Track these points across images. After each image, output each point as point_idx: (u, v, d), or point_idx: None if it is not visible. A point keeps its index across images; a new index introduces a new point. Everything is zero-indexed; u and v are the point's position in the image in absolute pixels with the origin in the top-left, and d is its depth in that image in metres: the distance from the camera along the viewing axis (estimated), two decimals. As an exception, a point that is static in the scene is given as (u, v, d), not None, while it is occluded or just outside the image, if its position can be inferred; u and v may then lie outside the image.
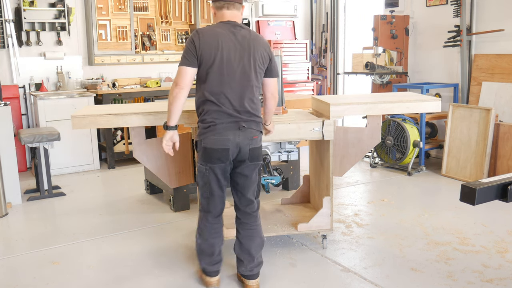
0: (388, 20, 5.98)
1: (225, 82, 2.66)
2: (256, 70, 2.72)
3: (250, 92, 2.71)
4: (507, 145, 4.87)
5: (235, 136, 2.66)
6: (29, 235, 3.95)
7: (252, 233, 2.89)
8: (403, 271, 3.11)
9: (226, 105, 2.66)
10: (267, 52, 2.76)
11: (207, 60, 2.64)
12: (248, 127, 2.69)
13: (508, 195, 1.92)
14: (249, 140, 2.70)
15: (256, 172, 2.81)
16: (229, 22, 2.74)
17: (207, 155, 2.68)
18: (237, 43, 2.68)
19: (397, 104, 3.37)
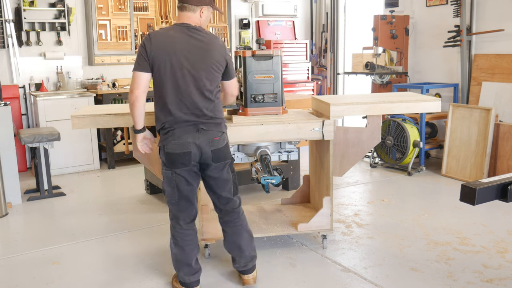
0: (388, 20, 5.98)
1: (179, 87, 2.63)
2: (211, 73, 2.68)
3: (205, 95, 2.67)
4: (507, 145, 4.87)
5: (195, 139, 2.64)
6: (29, 235, 3.95)
7: (238, 230, 2.89)
8: (403, 271, 3.11)
9: (183, 109, 2.63)
10: (222, 55, 2.72)
11: (159, 64, 2.61)
12: (207, 129, 2.67)
13: (508, 195, 1.92)
14: (210, 142, 2.67)
15: (226, 170, 2.77)
16: (183, 25, 2.68)
17: (170, 160, 2.66)
18: (191, 46, 2.64)
19: (397, 104, 3.37)
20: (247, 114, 3.20)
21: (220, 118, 2.75)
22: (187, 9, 2.68)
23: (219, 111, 2.76)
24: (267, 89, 3.20)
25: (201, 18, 2.73)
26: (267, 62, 3.18)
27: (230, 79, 2.84)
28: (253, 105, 3.20)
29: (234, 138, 3.16)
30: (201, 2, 2.68)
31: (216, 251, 3.45)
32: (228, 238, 2.92)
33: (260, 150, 3.27)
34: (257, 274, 3.03)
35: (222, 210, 2.87)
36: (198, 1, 2.68)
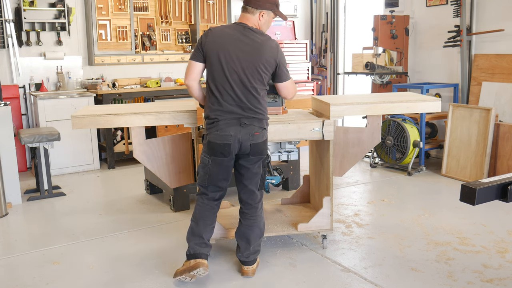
0: (388, 20, 5.98)
1: (227, 81, 2.80)
2: (257, 72, 2.81)
3: (252, 92, 2.82)
4: (507, 145, 4.87)
5: (237, 132, 2.79)
6: (29, 235, 3.95)
7: (252, 223, 3.02)
8: (403, 271, 3.11)
9: (229, 101, 2.81)
10: (273, 57, 2.85)
11: (210, 57, 2.81)
12: (249, 124, 2.81)
13: (508, 195, 1.92)
14: (250, 136, 2.81)
15: (258, 165, 2.92)
16: (241, 24, 2.87)
17: (211, 149, 2.84)
18: (242, 44, 2.81)
19: (397, 104, 3.37)
20: (247, 114, 3.19)
21: (262, 115, 2.87)
22: (247, 10, 2.89)
23: (263, 108, 2.88)
24: (267, 89, 3.19)
25: (260, 21, 2.91)
26: (267, 62, 3.17)
27: (282, 81, 2.95)
28: (253, 105, 3.19)
29: (234, 138, 3.15)
30: (261, 6, 2.87)
31: (216, 251, 3.45)
32: (240, 228, 3.06)
33: (260, 150, 3.26)
34: (257, 267, 3.11)
35: (244, 201, 3.02)
36: (258, 5, 2.86)
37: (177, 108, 3.25)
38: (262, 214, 3.09)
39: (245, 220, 3.04)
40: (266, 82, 2.90)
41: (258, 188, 2.99)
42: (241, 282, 3.03)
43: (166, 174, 3.41)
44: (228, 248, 3.51)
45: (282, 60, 2.91)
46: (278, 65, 2.88)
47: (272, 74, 2.92)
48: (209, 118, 2.84)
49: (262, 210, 3.09)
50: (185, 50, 6.89)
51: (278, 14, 2.97)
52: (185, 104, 3.53)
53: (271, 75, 2.92)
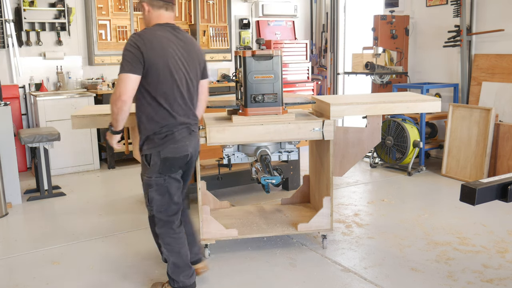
0: (388, 20, 5.98)
1: (178, 90, 2.58)
2: (197, 74, 2.73)
3: (195, 96, 2.73)
4: (507, 145, 4.87)
5: (190, 141, 2.67)
6: (29, 235, 3.95)
7: (189, 218, 3.00)
8: (403, 271, 3.11)
9: (179, 112, 2.60)
10: (202, 54, 2.78)
11: (156, 67, 2.50)
12: (195, 131, 2.74)
13: (508, 195, 1.92)
14: (198, 142, 2.77)
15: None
16: (168, 25, 2.63)
17: (168, 165, 2.59)
18: (181, 47, 2.62)
19: (397, 104, 3.37)
20: (247, 114, 3.20)
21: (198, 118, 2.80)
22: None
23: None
24: (267, 89, 3.20)
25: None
26: (267, 62, 3.18)
27: (207, 77, 2.86)
28: (253, 105, 3.20)
29: (234, 138, 3.16)
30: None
31: (217, 251, 3.45)
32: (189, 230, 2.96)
33: (260, 150, 3.26)
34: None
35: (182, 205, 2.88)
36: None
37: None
38: None
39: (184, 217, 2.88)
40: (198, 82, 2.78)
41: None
42: (241, 282, 3.03)
43: (166, 174, 3.40)
44: (228, 248, 3.51)
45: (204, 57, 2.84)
46: (205, 60, 2.82)
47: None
48: (160, 132, 2.56)
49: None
50: (185, 50, 6.88)
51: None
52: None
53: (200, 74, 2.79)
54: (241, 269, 3.20)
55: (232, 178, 4.55)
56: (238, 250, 3.48)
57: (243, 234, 3.36)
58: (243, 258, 3.36)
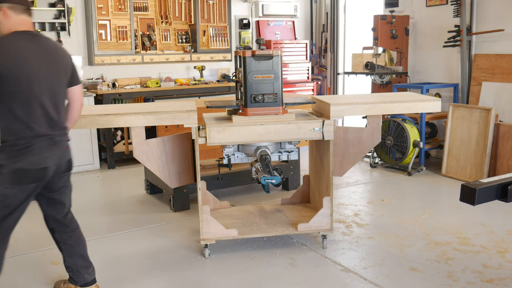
0: (388, 20, 5.98)
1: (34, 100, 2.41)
2: (62, 81, 2.56)
3: (61, 106, 2.57)
4: (507, 145, 4.87)
5: (52, 153, 2.50)
6: (29, 235, 3.95)
7: (79, 239, 2.85)
8: (403, 271, 3.11)
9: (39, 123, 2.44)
10: (68, 60, 2.60)
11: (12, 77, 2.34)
12: (61, 140, 2.57)
13: (508, 195, 1.93)
14: (65, 152, 2.60)
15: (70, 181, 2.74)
16: (28, 32, 2.46)
17: (20, 177, 2.42)
18: (41, 55, 2.45)
19: (397, 104, 3.37)
20: (247, 114, 3.20)
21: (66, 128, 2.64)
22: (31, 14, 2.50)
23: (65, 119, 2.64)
24: (267, 89, 3.20)
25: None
26: (267, 62, 3.18)
27: (77, 84, 2.66)
28: (253, 105, 3.20)
29: (234, 138, 3.16)
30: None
31: (216, 251, 3.45)
32: (70, 250, 2.81)
33: (260, 150, 3.27)
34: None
35: (63, 222, 2.78)
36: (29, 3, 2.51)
37: (177, 108, 3.25)
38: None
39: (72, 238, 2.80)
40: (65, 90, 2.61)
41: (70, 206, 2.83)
42: (241, 282, 3.03)
43: (166, 174, 3.41)
44: (228, 248, 3.51)
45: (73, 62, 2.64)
46: (73, 66, 2.61)
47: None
48: (16, 145, 2.39)
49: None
50: (185, 50, 6.89)
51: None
52: (185, 104, 3.53)
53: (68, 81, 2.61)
54: (241, 269, 3.20)
55: (232, 178, 4.56)
56: (238, 250, 3.48)
57: (243, 234, 3.36)
58: (243, 258, 3.36)
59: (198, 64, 6.93)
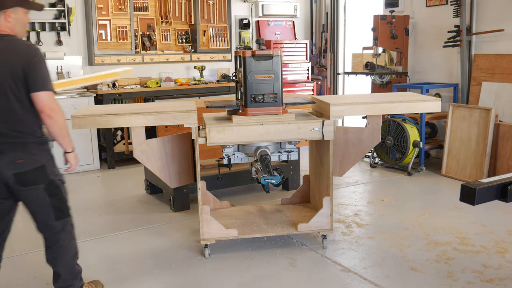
0: (388, 20, 5.98)
1: None
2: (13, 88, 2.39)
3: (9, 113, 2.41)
4: (507, 145, 4.87)
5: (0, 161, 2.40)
6: (29, 235, 3.94)
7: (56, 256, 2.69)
8: (403, 271, 3.11)
9: None
10: (21, 64, 2.38)
11: None
12: (10, 150, 2.42)
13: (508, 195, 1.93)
14: (12, 164, 2.42)
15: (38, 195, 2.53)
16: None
17: None
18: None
19: (397, 104, 3.37)
20: (247, 114, 3.20)
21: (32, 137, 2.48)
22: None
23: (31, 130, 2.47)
24: (267, 89, 3.20)
25: (10, 23, 2.48)
26: (267, 62, 3.18)
27: (35, 90, 2.40)
28: (253, 105, 3.20)
29: (234, 138, 3.16)
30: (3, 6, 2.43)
31: (216, 251, 3.45)
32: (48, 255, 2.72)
33: (260, 150, 3.27)
34: None
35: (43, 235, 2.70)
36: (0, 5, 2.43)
37: (177, 108, 3.25)
38: (71, 244, 2.70)
39: (49, 253, 2.68)
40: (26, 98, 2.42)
41: (55, 219, 2.59)
42: (241, 282, 3.03)
43: (166, 174, 3.41)
44: (228, 248, 3.51)
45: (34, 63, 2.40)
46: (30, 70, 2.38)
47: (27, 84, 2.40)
48: None
49: (71, 239, 2.70)
50: (185, 50, 6.89)
51: (30, 7, 2.53)
52: (185, 104, 3.53)
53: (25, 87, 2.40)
54: (241, 269, 3.20)
55: (232, 178, 4.56)
56: (238, 250, 3.48)
57: (243, 234, 3.36)
58: (243, 258, 3.36)
59: (198, 64, 6.93)
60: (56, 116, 2.46)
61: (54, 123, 2.47)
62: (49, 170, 2.57)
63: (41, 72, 2.42)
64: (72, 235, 2.73)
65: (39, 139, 2.52)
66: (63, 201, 2.64)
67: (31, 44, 2.50)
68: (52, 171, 2.59)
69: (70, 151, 2.66)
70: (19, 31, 2.55)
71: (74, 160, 2.70)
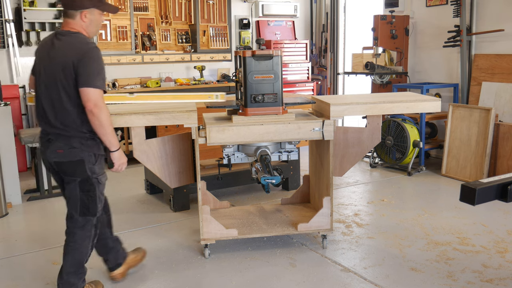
0: (388, 20, 5.98)
1: (39, 96, 2.63)
2: (63, 83, 2.54)
3: (58, 106, 2.57)
4: (507, 145, 4.87)
5: (46, 149, 2.65)
6: (29, 235, 3.95)
7: (67, 249, 2.79)
8: (403, 271, 3.11)
9: (39, 119, 2.66)
10: (72, 59, 2.51)
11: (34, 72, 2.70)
12: (55, 140, 2.60)
13: (508, 195, 1.93)
14: (54, 153, 2.61)
15: (72, 187, 2.68)
16: (58, 31, 2.65)
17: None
18: (49, 54, 2.58)
19: (397, 104, 3.37)
20: (247, 114, 3.20)
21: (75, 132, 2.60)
22: (67, 14, 2.62)
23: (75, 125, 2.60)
24: (267, 89, 3.20)
25: (85, 23, 2.62)
26: (267, 62, 3.18)
27: (81, 86, 2.52)
28: (253, 105, 3.20)
29: (234, 138, 3.16)
30: (80, 6, 2.58)
31: (216, 250, 3.45)
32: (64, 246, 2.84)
33: (260, 150, 3.27)
34: None
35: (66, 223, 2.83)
36: (76, 6, 2.59)
37: (177, 108, 3.25)
38: (85, 244, 2.76)
39: (64, 244, 2.80)
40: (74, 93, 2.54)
41: (79, 214, 2.71)
42: (241, 282, 3.03)
43: (166, 174, 3.41)
44: (228, 248, 3.51)
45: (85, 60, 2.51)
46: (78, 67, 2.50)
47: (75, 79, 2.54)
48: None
49: (87, 239, 2.76)
50: (185, 50, 6.89)
51: (105, 9, 2.69)
52: (185, 104, 3.53)
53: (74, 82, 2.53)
54: (241, 269, 3.20)
55: (232, 178, 4.56)
56: (238, 250, 3.49)
57: (243, 234, 3.36)
58: (243, 258, 3.36)
59: (198, 64, 6.94)
60: (99, 112, 2.54)
61: (95, 119, 2.55)
62: (88, 166, 2.68)
63: (90, 69, 2.52)
64: (89, 236, 2.78)
65: (83, 134, 2.63)
66: (93, 200, 2.73)
67: (90, 42, 2.61)
68: (90, 168, 2.70)
69: (113, 150, 2.75)
70: (92, 31, 2.69)
71: (118, 160, 2.80)
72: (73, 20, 2.61)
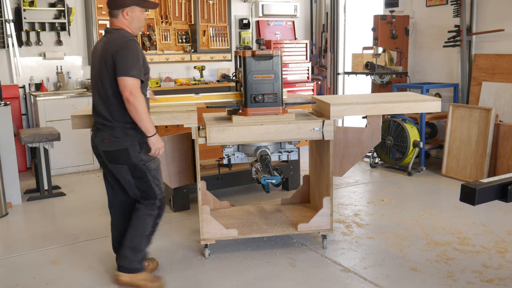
0: (388, 20, 5.98)
1: (92, 89, 2.87)
2: (106, 75, 2.73)
3: (103, 95, 2.78)
4: (507, 145, 4.87)
5: (95, 137, 2.87)
6: (29, 235, 3.95)
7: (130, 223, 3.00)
8: (403, 271, 3.11)
9: (94, 108, 2.88)
10: (111, 52, 2.69)
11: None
12: (102, 130, 2.82)
13: (508, 195, 1.93)
14: (101, 143, 2.82)
15: (125, 174, 2.86)
16: (106, 29, 2.86)
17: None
18: (98, 49, 2.81)
19: (397, 104, 3.37)
20: (247, 114, 3.20)
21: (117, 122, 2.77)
22: (111, 14, 2.83)
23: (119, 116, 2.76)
24: (267, 89, 3.20)
25: (127, 20, 2.81)
26: (267, 62, 3.18)
27: (117, 76, 2.68)
28: (253, 105, 3.20)
29: (234, 138, 3.16)
30: (121, 5, 2.77)
31: (216, 250, 3.45)
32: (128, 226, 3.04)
33: (260, 150, 3.27)
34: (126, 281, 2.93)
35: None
36: (117, 5, 2.78)
37: (177, 108, 3.25)
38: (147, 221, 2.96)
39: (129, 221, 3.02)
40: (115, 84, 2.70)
41: (141, 198, 2.94)
42: (241, 282, 3.03)
43: (166, 174, 3.41)
44: (228, 248, 3.51)
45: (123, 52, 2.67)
46: (115, 58, 2.67)
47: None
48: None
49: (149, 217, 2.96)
50: (185, 50, 6.89)
51: (145, 6, 2.84)
52: (185, 104, 3.52)
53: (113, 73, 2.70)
54: (241, 269, 3.20)
55: (232, 178, 4.56)
56: (238, 250, 3.48)
57: (243, 234, 3.36)
58: (243, 258, 3.36)
59: (198, 64, 6.93)
60: (134, 100, 2.66)
61: (131, 106, 2.68)
62: (133, 154, 2.80)
63: (126, 60, 2.67)
64: (152, 215, 2.97)
65: (125, 125, 2.77)
66: (148, 185, 2.88)
67: (128, 37, 2.77)
68: (135, 156, 2.81)
69: (149, 135, 2.80)
70: (135, 28, 2.85)
71: (155, 145, 2.84)
72: (116, 18, 2.80)
